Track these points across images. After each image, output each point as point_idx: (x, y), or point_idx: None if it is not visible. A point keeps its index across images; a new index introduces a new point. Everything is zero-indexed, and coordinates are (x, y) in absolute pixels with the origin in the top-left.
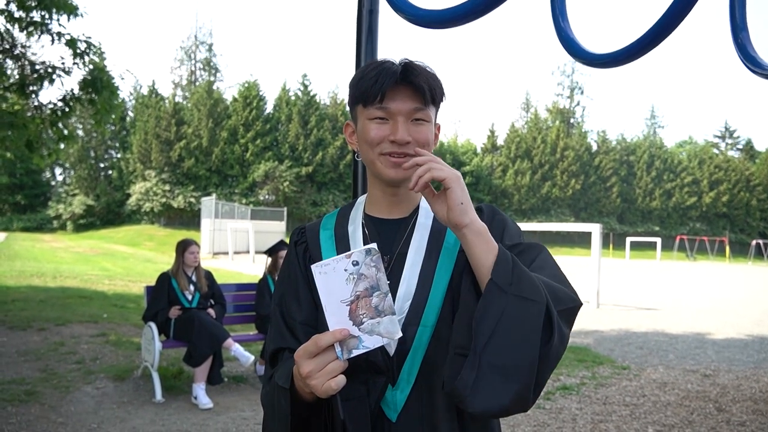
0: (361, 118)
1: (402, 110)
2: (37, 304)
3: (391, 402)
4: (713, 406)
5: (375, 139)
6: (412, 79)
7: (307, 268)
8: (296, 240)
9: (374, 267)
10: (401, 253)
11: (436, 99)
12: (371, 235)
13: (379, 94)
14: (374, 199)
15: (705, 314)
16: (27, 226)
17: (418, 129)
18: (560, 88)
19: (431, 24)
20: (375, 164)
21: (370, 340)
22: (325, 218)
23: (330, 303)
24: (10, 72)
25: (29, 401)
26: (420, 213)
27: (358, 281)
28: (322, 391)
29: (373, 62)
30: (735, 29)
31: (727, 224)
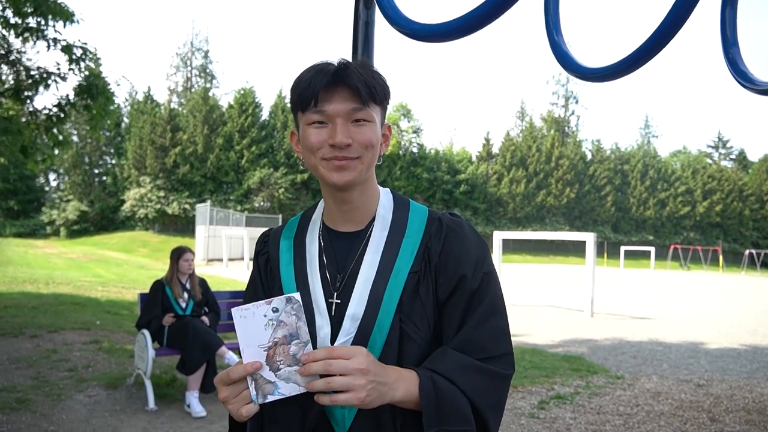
0: (301, 124)
1: (339, 111)
2: (29, 310)
3: (339, 420)
4: (706, 416)
5: (315, 144)
6: (345, 79)
7: (269, 280)
8: (258, 249)
9: (294, 315)
10: (353, 271)
11: (376, 98)
12: (326, 249)
13: (313, 97)
14: (328, 210)
15: (699, 324)
16: (20, 231)
17: (360, 130)
18: (555, 97)
19: (426, 38)
20: (318, 170)
21: (287, 387)
22: (288, 224)
23: (248, 346)
24: (6, 77)
25: (20, 409)
26: (375, 225)
27: (277, 328)
28: (237, 416)
29: (312, 65)
30: (726, 45)
31: (721, 234)
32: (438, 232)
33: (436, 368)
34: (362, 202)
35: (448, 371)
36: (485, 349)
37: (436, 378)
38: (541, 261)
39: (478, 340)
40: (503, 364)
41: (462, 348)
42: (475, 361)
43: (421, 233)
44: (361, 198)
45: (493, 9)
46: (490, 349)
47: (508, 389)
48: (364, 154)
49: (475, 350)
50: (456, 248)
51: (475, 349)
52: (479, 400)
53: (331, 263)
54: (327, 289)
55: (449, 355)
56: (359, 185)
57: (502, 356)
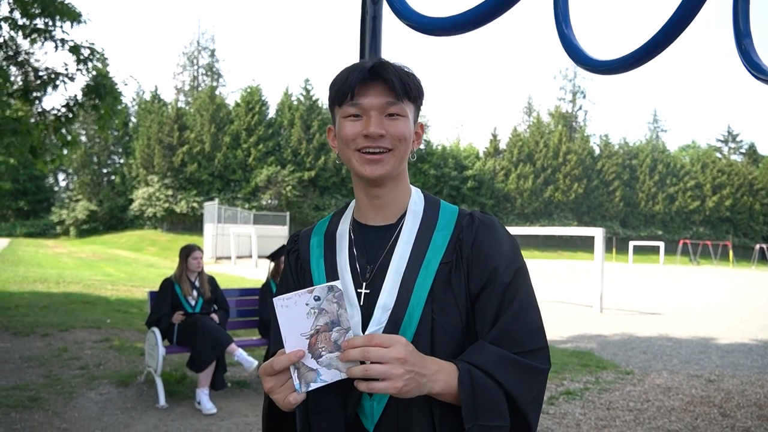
0: (338, 119)
1: (374, 105)
2: (40, 309)
3: (368, 412)
4: (718, 411)
5: (349, 136)
6: (381, 74)
7: (299, 276)
8: (289, 248)
9: (336, 303)
10: (384, 263)
11: (410, 94)
12: (356, 241)
13: (349, 91)
14: (359, 204)
15: (709, 319)
16: (30, 231)
17: (393, 123)
18: (562, 92)
19: (435, 31)
20: (351, 162)
21: (328, 374)
22: (318, 223)
23: (290, 335)
24: (14, 78)
25: (33, 407)
26: (407, 219)
27: (319, 316)
28: (283, 405)
29: (348, 65)
30: (738, 36)
31: (731, 228)
32: (470, 225)
33: (474, 361)
34: (394, 196)
35: (487, 365)
36: (521, 344)
37: (475, 372)
38: (549, 257)
39: (514, 334)
40: (539, 358)
41: (498, 342)
42: (512, 355)
43: (452, 226)
44: (392, 192)
45: (501, 2)
46: (526, 343)
47: (546, 384)
48: (397, 146)
49: (511, 344)
50: (488, 241)
51: (511, 343)
52: (519, 395)
53: (361, 255)
54: (356, 279)
55: (487, 349)
56: (391, 179)
57: (538, 350)
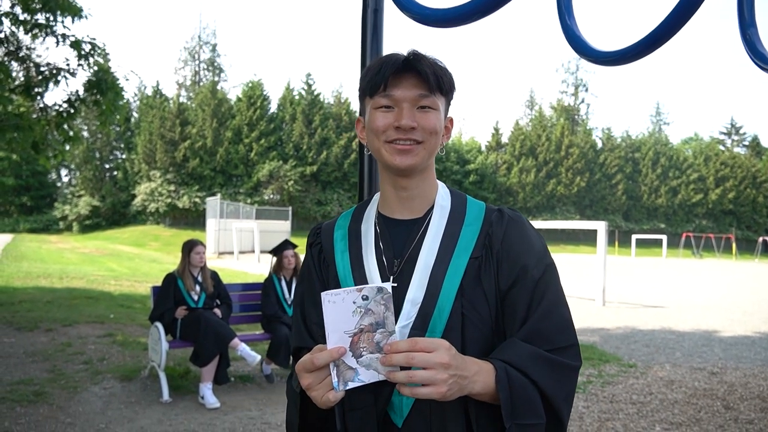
0: (368, 109)
1: (407, 96)
2: (44, 304)
3: (397, 407)
4: (721, 404)
5: (380, 127)
6: (415, 65)
7: (323, 269)
8: (311, 242)
9: (383, 305)
10: (411, 256)
11: (443, 87)
12: (383, 235)
13: (382, 82)
14: (386, 198)
15: (712, 312)
16: (33, 227)
17: (425, 116)
18: (565, 85)
19: (436, 23)
20: (381, 153)
21: (367, 374)
22: (340, 217)
23: (334, 331)
24: (16, 74)
25: (38, 401)
26: (434, 212)
27: (365, 315)
28: (321, 402)
29: (381, 56)
30: (743, 26)
31: (734, 221)
32: (499, 220)
33: (508, 359)
34: (421, 190)
35: (521, 363)
36: (553, 341)
37: (511, 371)
38: (551, 250)
39: (545, 332)
40: (571, 355)
41: (530, 339)
42: (544, 352)
43: (481, 221)
44: (420, 186)
45: None
46: (558, 340)
47: (577, 381)
48: (428, 139)
49: (542, 342)
50: (518, 237)
51: (542, 340)
52: (552, 392)
53: (387, 249)
54: (383, 273)
55: (520, 347)
56: (420, 172)
57: (569, 347)
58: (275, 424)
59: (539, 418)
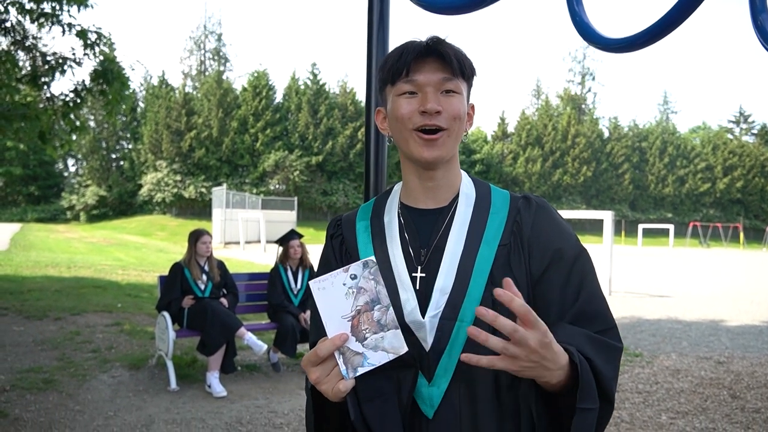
0: (390, 98)
1: (431, 80)
2: (52, 293)
3: (427, 398)
4: (727, 393)
5: (405, 114)
6: (438, 49)
7: (344, 262)
8: (332, 233)
9: (373, 280)
10: (438, 246)
11: (465, 71)
12: (407, 226)
13: (405, 67)
14: (410, 187)
15: (718, 301)
16: (41, 216)
17: (449, 100)
18: (571, 74)
19: (443, 10)
20: (408, 143)
21: (375, 357)
22: (361, 208)
23: (331, 318)
24: (22, 64)
25: (47, 389)
26: (460, 201)
27: (358, 295)
28: (333, 394)
29: (399, 45)
30: (755, 12)
31: (742, 210)
32: (527, 207)
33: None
34: (447, 179)
35: (580, 344)
36: (598, 323)
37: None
38: None
39: (590, 314)
40: (614, 336)
41: (577, 322)
42: (596, 335)
43: (507, 209)
44: (446, 175)
45: None
46: (603, 322)
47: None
48: (452, 125)
49: (589, 324)
50: (548, 222)
51: (589, 323)
52: (606, 373)
53: (413, 239)
54: (410, 263)
55: (571, 329)
56: (446, 162)
57: (612, 329)
58: (282, 412)
59: (595, 403)
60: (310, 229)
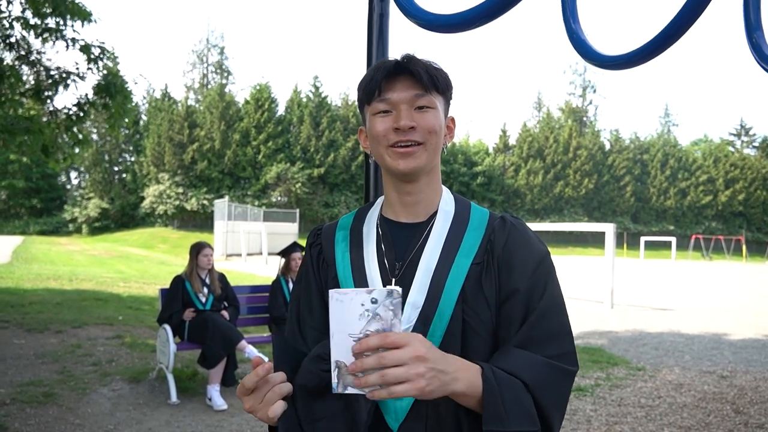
0: (368, 117)
1: (403, 98)
2: (53, 306)
3: (392, 411)
4: (730, 407)
5: (380, 132)
6: (408, 67)
7: (321, 270)
8: (311, 242)
9: (392, 311)
10: (413, 260)
11: (438, 86)
12: (384, 238)
13: (377, 87)
14: (390, 202)
15: (721, 314)
16: (43, 229)
17: (423, 116)
18: (572, 86)
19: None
20: (384, 158)
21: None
22: (342, 219)
23: (338, 332)
24: (26, 78)
25: (47, 403)
26: (438, 217)
27: (372, 321)
28: (268, 420)
29: (374, 64)
30: (749, 29)
31: (744, 223)
32: (501, 227)
33: (500, 365)
34: (426, 194)
35: (512, 367)
36: (548, 347)
37: (498, 372)
38: (559, 252)
39: (540, 338)
40: (567, 361)
41: (526, 345)
42: (540, 357)
43: (484, 228)
44: (425, 190)
45: None
46: (555, 347)
47: (571, 387)
48: (428, 139)
49: (537, 348)
50: (519, 245)
51: (537, 346)
52: (544, 395)
53: (389, 251)
54: (385, 275)
55: (513, 353)
56: (424, 175)
57: (566, 354)
58: None
59: (534, 425)
60: None
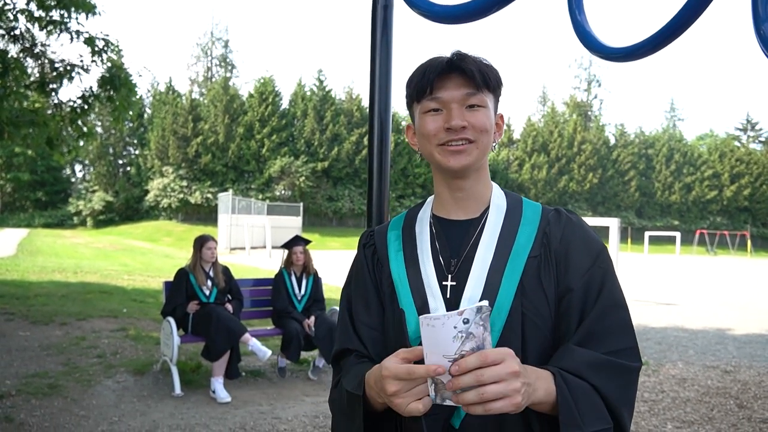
0: (417, 115)
1: (454, 97)
2: (58, 299)
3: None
4: (734, 402)
5: (431, 131)
6: (460, 65)
7: (377, 270)
8: (365, 242)
9: (482, 326)
10: (469, 255)
11: (489, 84)
12: (438, 236)
13: (428, 85)
14: (441, 199)
15: (725, 309)
16: (48, 222)
17: (474, 115)
18: (577, 81)
19: (446, 19)
20: (434, 156)
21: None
22: (393, 220)
23: (432, 354)
24: (31, 70)
25: (52, 394)
26: (490, 212)
27: (466, 341)
28: (406, 411)
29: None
30: (757, 21)
31: (749, 218)
32: (557, 220)
33: (564, 366)
34: (477, 189)
35: (578, 368)
36: (610, 343)
37: (567, 376)
38: None
39: (602, 334)
40: (630, 356)
41: (586, 342)
42: (602, 356)
43: (538, 221)
44: (475, 186)
45: None
46: (615, 342)
47: (638, 383)
48: (479, 138)
49: (598, 344)
50: (576, 238)
51: (599, 343)
52: (613, 396)
53: (444, 249)
54: (440, 272)
55: (576, 352)
56: (474, 172)
57: (628, 349)
58: (286, 418)
59: (607, 423)
60: (315, 235)
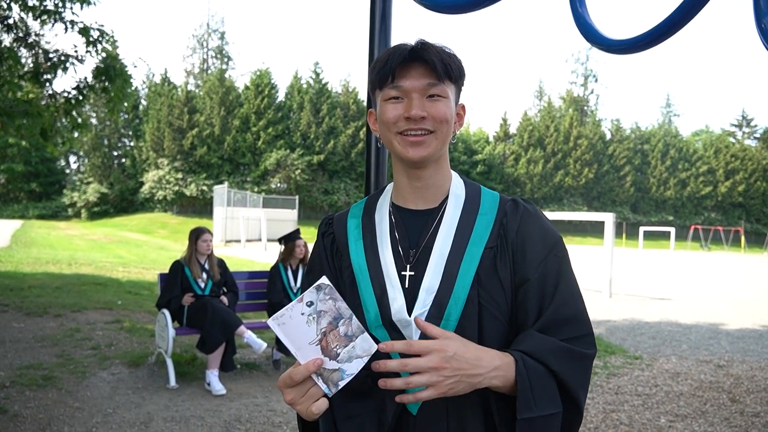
0: (379, 102)
1: (415, 87)
2: (53, 290)
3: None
4: (727, 396)
5: (391, 119)
6: (422, 55)
7: (336, 259)
8: (324, 231)
9: (330, 299)
10: (427, 246)
11: (451, 75)
12: (398, 225)
13: (390, 73)
14: (400, 188)
15: (719, 304)
16: (42, 213)
17: (434, 105)
18: (574, 75)
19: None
20: (393, 145)
21: (352, 366)
22: (352, 207)
23: (300, 348)
24: (25, 60)
25: (47, 386)
26: (449, 202)
27: (320, 319)
28: (306, 415)
29: (389, 47)
30: (759, 14)
31: (743, 214)
32: (514, 211)
33: (526, 349)
34: (436, 179)
35: (539, 353)
36: (567, 331)
37: (529, 361)
38: None
39: (560, 322)
40: (586, 344)
41: (545, 330)
42: (562, 343)
43: (495, 211)
44: (434, 176)
45: None
46: (573, 330)
47: (592, 366)
48: (439, 128)
49: (557, 332)
50: (533, 228)
51: (557, 330)
52: (571, 381)
53: (403, 239)
54: (399, 262)
55: (537, 338)
56: (434, 162)
57: (584, 336)
58: (281, 411)
59: (557, 407)
60: (310, 228)
